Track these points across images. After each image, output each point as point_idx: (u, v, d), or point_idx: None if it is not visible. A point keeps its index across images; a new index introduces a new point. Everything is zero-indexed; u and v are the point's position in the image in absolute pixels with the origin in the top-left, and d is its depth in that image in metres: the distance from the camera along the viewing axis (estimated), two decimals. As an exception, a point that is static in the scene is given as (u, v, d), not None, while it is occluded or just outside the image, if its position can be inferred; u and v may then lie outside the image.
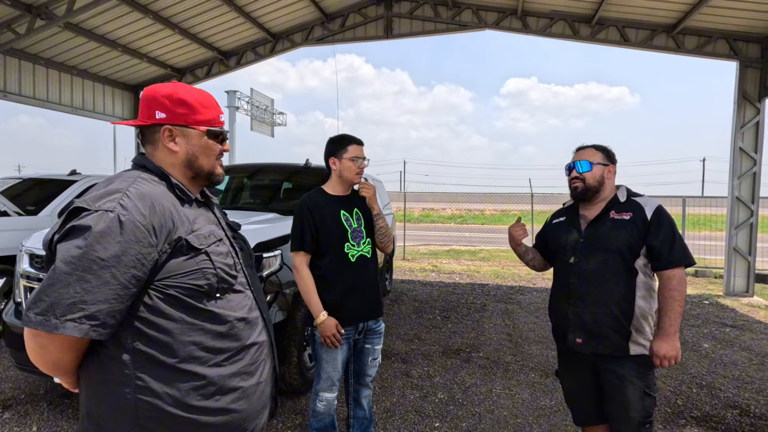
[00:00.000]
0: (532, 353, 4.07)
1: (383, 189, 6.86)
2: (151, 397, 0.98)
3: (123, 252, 0.91)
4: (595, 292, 1.78)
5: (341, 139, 2.11)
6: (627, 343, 1.75)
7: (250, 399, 1.12)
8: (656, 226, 1.74)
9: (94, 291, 0.89)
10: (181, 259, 1.01)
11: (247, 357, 1.12)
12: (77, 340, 0.93)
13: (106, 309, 0.90)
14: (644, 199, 1.84)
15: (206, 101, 1.15)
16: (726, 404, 3.16)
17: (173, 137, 1.10)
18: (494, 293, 6.64)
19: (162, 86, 1.12)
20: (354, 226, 2.09)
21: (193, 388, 1.01)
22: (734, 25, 7.03)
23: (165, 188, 1.07)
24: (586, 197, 1.87)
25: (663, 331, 1.72)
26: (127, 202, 0.95)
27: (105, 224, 0.91)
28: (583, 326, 1.80)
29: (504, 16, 8.36)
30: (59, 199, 4.80)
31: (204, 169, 1.15)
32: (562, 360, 2.00)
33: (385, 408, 3.00)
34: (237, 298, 1.13)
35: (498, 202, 20.10)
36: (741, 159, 7.33)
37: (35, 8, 6.88)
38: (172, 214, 1.02)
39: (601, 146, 1.92)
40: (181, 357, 1.00)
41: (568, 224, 1.95)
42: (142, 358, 0.98)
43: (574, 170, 1.88)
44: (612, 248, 1.76)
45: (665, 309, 1.72)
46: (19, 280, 2.79)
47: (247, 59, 10.11)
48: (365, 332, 2.16)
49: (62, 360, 0.97)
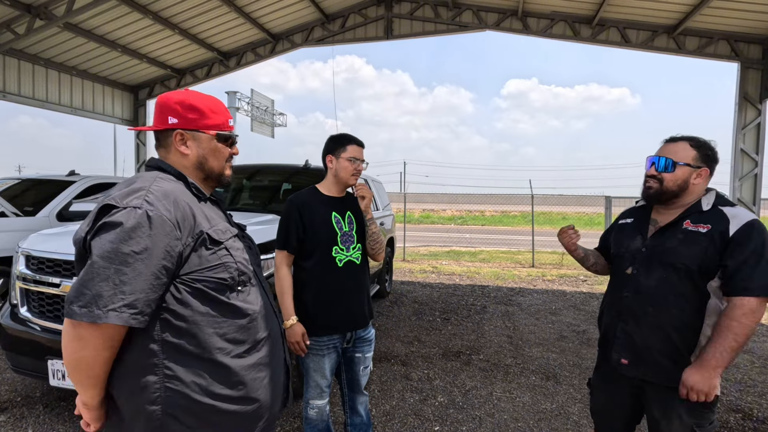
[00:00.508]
0: (533, 356, 4.05)
1: (383, 190, 6.84)
2: (180, 385, 1.05)
3: (153, 245, 0.99)
4: (652, 313, 1.53)
5: (341, 137, 2.05)
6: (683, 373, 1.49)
7: (267, 388, 1.19)
8: (738, 245, 1.42)
9: (130, 282, 0.96)
10: (205, 252, 1.08)
11: (264, 349, 1.19)
12: (115, 333, 0.99)
13: (143, 298, 0.98)
14: (735, 210, 1.50)
15: (216, 107, 1.22)
16: (729, 408, 3.13)
17: (185, 141, 1.18)
18: (494, 295, 6.61)
19: (174, 93, 1.19)
20: (345, 229, 2.00)
21: (218, 378, 1.09)
22: (735, 26, 7.01)
23: (183, 187, 1.14)
24: (659, 201, 1.58)
25: (702, 361, 1.44)
26: (153, 199, 1.03)
27: (135, 220, 0.99)
28: (632, 348, 1.58)
29: (504, 17, 8.35)
30: (57, 200, 4.77)
31: (214, 170, 1.23)
32: (600, 372, 1.77)
33: (385, 411, 2.97)
34: (254, 292, 1.20)
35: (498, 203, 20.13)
36: (742, 160, 7.32)
37: (35, 8, 6.87)
38: (193, 209, 1.09)
39: (699, 141, 1.55)
40: (207, 348, 1.07)
41: (633, 227, 1.68)
42: (170, 348, 1.05)
43: (653, 166, 1.57)
44: (678, 265, 1.49)
45: (715, 338, 1.43)
46: (15, 282, 2.76)
47: (247, 60, 10.11)
48: (354, 341, 2.08)
49: (97, 359, 0.99)
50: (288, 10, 8.92)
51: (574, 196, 18.16)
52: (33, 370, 2.54)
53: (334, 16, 9.36)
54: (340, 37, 9.47)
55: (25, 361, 2.58)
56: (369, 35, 9.32)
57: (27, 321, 2.62)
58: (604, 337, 1.72)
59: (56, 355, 2.42)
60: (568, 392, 3.30)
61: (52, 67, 8.70)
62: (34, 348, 2.52)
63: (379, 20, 9.18)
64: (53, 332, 2.49)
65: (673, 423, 1.52)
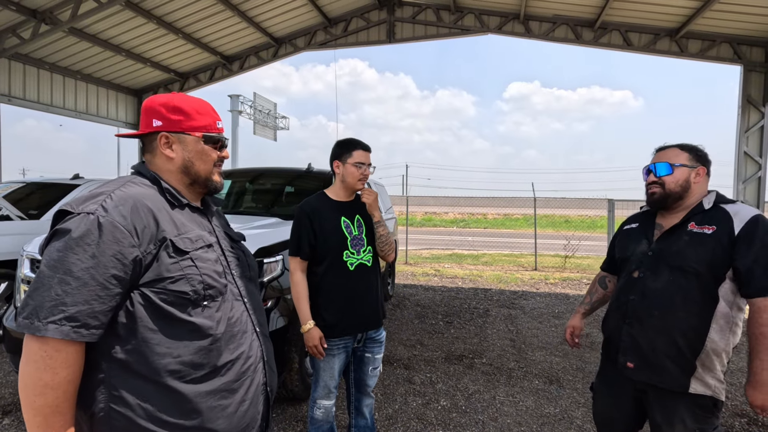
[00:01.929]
0: (536, 359, 4.03)
1: (385, 193, 6.84)
2: (124, 407, 0.97)
3: (101, 253, 0.93)
4: (658, 316, 1.52)
5: (348, 143, 2.06)
6: (689, 378, 1.48)
7: (230, 418, 1.07)
8: (746, 242, 1.42)
9: (73, 293, 0.90)
10: (167, 261, 1.00)
11: (230, 373, 1.08)
12: (63, 348, 0.90)
13: (86, 310, 0.91)
14: (736, 206, 1.51)
15: (202, 108, 1.15)
16: (734, 413, 3.11)
17: (170, 144, 1.12)
18: (497, 298, 6.60)
19: (159, 96, 1.15)
20: (354, 233, 2.03)
21: (167, 404, 0.99)
22: (738, 29, 7.01)
23: (155, 192, 1.08)
24: (666, 205, 1.59)
25: (755, 377, 1.40)
26: (109, 204, 0.97)
27: (85, 227, 0.93)
28: (638, 351, 1.57)
29: (506, 21, 8.37)
30: (61, 204, 4.80)
31: (200, 175, 1.15)
32: (603, 377, 1.76)
33: (388, 415, 2.97)
34: (225, 308, 1.10)
35: (500, 206, 20.11)
36: (746, 163, 7.29)
37: (40, 13, 6.93)
38: (156, 216, 1.02)
39: (688, 145, 1.60)
40: (156, 369, 0.98)
41: (639, 232, 1.69)
42: (117, 366, 0.97)
43: (652, 174, 1.61)
44: (687, 268, 1.47)
45: (756, 349, 1.40)
46: (20, 284, 2.78)
47: (250, 64, 10.16)
48: (365, 341, 2.11)
49: (53, 380, 0.90)
50: (291, 15, 8.96)
51: (577, 199, 18.13)
52: (37, 373, 2.55)
53: (336, 20, 9.40)
54: (342, 40, 9.51)
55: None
56: (371, 39, 9.35)
57: (31, 324, 2.63)
58: (609, 340, 1.72)
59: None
60: (572, 396, 3.29)
61: (57, 71, 8.77)
62: (38, 351, 2.53)
63: (382, 24, 9.22)
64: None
65: (676, 428, 1.51)
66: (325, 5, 8.89)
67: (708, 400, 1.50)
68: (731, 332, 1.48)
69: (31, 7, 6.84)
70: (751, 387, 1.42)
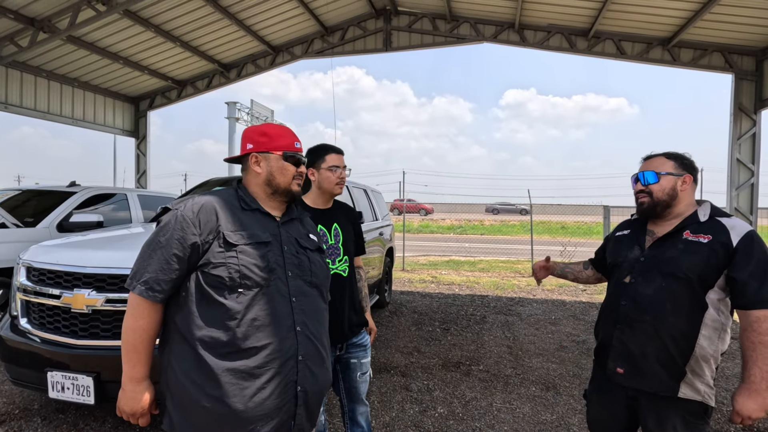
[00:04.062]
0: (533, 366, 4.04)
1: (382, 200, 6.86)
2: (173, 360, 1.24)
3: (171, 236, 1.23)
4: (649, 321, 1.54)
5: (319, 148, 2.05)
6: (678, 383, 1.50)
7: (247, 401, 1.20)
8: (744, 256, 1.45)
9: (150, 264, 1.22)
10: (216, 250, 1.24)
11: (253, 359, 1.22)
12: (145, 307, 1.22)
13: (154, 277, 1.21)
14: (732, 221, 1.54)
15: (283, 132, 1.43)
16: (729, 418, 3.12)
17: (258, 162, 1.39)
18: (494, 305, 6.61)
19: (254, 126, 1.45)
20: (331, 242, 2.00)
21: (197, 368, 1.20)
22: (729, 38, 7.12)
23: (232, 197, 1.35)
24: (654, 213, 1.63)
25: (752, 386, 1.42)
26: (188, 203, 1.27)
27: (168, 218, 1.26)
28: (628, 357, 1.59)
29: (502, 30, 8.47)
30: (58, 211, 4.79)
31: (280, 186, 1.39)
32: (595, 383, 1.77)
33: (384, 423, 2.96)
34: (261, 300, 1.25)
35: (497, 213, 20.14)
36: (738, 170, 7.37)
37: (38, 22, 6.96)
38: (219, 214, 1.28)
39: (674, 153, 1.63)
40: (194, 337, 1.21)
41: (631, 239, 1.71)
42: (174, 329, 1.25)
43: (639, 183, 1.65)
44: (680, 275, 1.50)
45: (753, 357, 1.42)
46: (16, 293, 2.77)
47: (248, 71, 10.22)
48: (346, 347, 2.08)
49: (135, 327, 1.22)
50: (288, 23, 9.04)
51: (573, 206, 18.23)
52: (32, 382, 2.53)
53: (333, 29, 9.48)
54: (339, 49, 9.59)
55: (25, 373, 2.57)
56: (368, 47, 9.43)
57: (27, 332, 2.62)
58: (601, 345, 1.73)
59: (56, 366, 2.42)
60: (569, 403, 3.30)
61: (54, 79, 8.78)
62: (33, 360, 2.52)
63: (378, 33, 9.30)
64: (53, 344, 2.49)
65: None
66: (322, 14, 8.97)
67: (698, 406, 1.52)
68: (719, 339, 1.51)
69: (30, 15, 6.87)
70: (745, 395, 1.44)
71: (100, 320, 2.44)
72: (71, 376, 2.36)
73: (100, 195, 5.32)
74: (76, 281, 2.50)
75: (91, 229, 4.42)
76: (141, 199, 5.76)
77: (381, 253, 5.90)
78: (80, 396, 2.36)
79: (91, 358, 2.40)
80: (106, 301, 2.42)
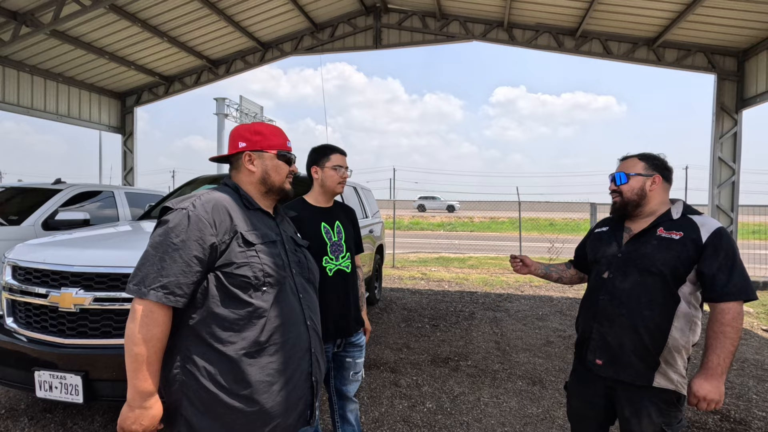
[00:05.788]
0: (520, 361, 4.11)
1: (372, 197, 6.89)
2: (193, 367, 1.19)
3: (188, 238, 1.18)
4: (626, 314, 1.61)
5: (325, 148, 2.09)
6: (653, 373, 1.57)
7: (276, 397, 1.24)
8: (712, 251, 1.52)
9: (167, 267, 1.16)
10: (237, 250, 1.23)
11: (278, 355, 1.25)
12: (156, 310, 1.15)
13: (174, 281, 1.16)
14: (702, 218, 1.61)
15: (277, 131, 1.43)
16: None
17: (252, 160, 1.38)
18: (483, 301, 6.69)
19: (244, 124, 1.43)
20: (334, 239, 2.04)
21: (226, 370, 1.19)
22: (711, 39, 7.27)
23: (234, 197, 1.34)
24: (625, 212, 1.70)
25: (709, 371, 1.52)
26: (197, 203, 1.24)
27: (178, 218, 1.21)
28: (606, 348, 1.66)
29: (491, 28, 8.53)
30: (43, 209, 4.72)
31: (275, 184, 1.40)
32: (576, 376, 1.84)
33: (374, 418, 3.00)
34: (281, 298, 1.29)
35: (487, 210, 20.35)
36: (720, 168, 7.54)
37: (21, 15, 6.81)
38: (231, 214, 1.27)
39: (646, 155, 1.70)
40: (220, 339, 1.20)
41: (609, 235, 1.78)
42: (192, 334, 1.21)
43: (613, 182, 1.73)
44: (653, 270, 1.58)
45: (714, 345, 1.51)
46: (1, 292, 2.74)
47: (237, 68, 10.13)
48: (345, 345, 2.12)
49: (147, 333, 1.14)
50: (277, 19, 8.98)
51: (561, 203, 18.44)
52: (19, 381, 2.51)
53: (323, 26, 9.44)
54: (329, 45, 9.55)
55: (11, 373, 2.55)
56: (358, 44, 9.42)
57: (13, 332, 2.60)
58: (581, 338, 1.80)
59: (43, 366, 2.41)
60: (554, 396, 3.37)
61: (38, 74, 8.61)
62: (20, 359, 2.50)
63: (368, 30, 9.29)
64: (40, 343, 2.48)
65: (643, 422, 1.59)
66: (312, 11, 8.93)
67: (672, 395, 1.59)
68: (691, 330, 1.58)
69: (12, 8, 6.72)
70: (702, 378, 1.53)
71: (88, 319, 2.43)
72: (59, 375, 2.35)
73: (86, 192, 5.25)
74: (64, 280, 2.48)
75: (77, 227, 4.37)
76: (128, 196, 5.69)
77: (371, 250, 5.93)
78: (69, 395, 2.35)
79: (80, 357, 2.39)
80: (95, 299, 2.41)
